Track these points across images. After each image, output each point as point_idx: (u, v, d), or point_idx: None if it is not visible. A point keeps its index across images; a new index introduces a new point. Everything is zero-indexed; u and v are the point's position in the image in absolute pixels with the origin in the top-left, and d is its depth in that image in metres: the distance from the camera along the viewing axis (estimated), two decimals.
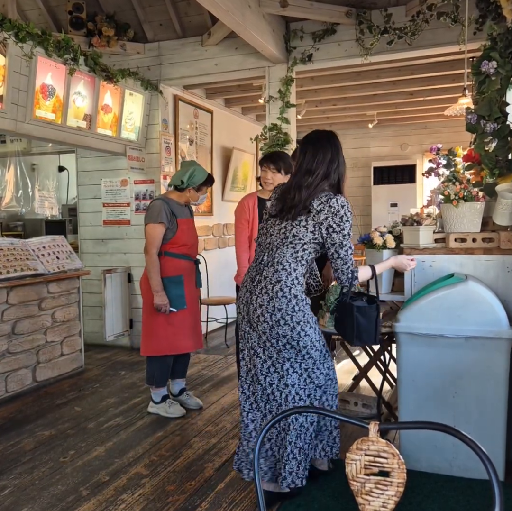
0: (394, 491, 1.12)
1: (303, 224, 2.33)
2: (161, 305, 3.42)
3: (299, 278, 2.35)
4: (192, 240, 3.61)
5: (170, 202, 3.51)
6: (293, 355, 2.37)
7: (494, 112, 2.94)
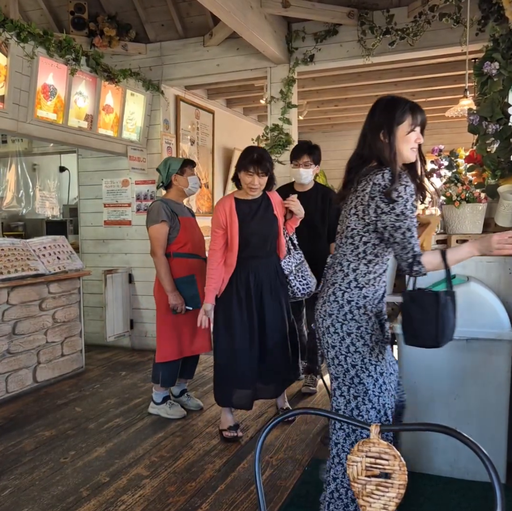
0: (395, 493, 1.12)
1: (353, 212, 1.96)
2: (176, 304, 3.39)
3: (360, 280, 1.96)
4: (196, 238, 3.57)
5: (168, 202, 3.50)
6: (341, 375, 2.00)
7: (496, 113, 2.94)
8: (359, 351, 1.95)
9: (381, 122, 1.97)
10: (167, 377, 3.55)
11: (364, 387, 1.96)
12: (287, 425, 3.42)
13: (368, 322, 1.95)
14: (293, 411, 1.37)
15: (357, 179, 1.97)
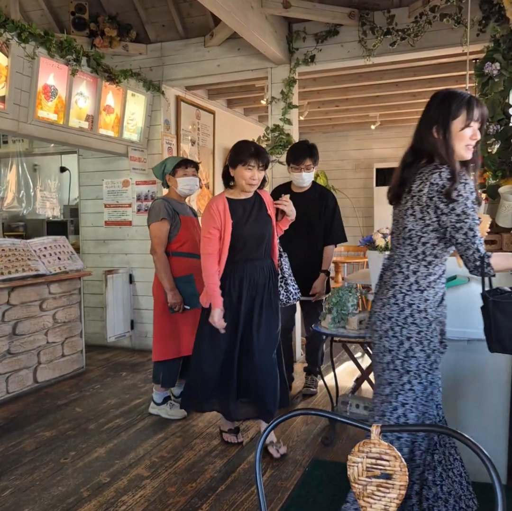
0: (396, 493, 1.11)
1: (410, 213, 1.91)
2: (175, 303, 3.38)
3: (422, 283, 1.90)
4: (197, 238, 3.50)
5: (170, 200, 3.50)
6: (395, 380, 1.93)
7: (497, 113, 2.94)
8: (416, 356, 1.89)
9: (435, 117, 1.89)
10: (167, 377, 3.54)
11: (414, 394, 1.90)
12: (288, 426, 3.42)
13: (428, 327, 1.90)
14: (294, 412, 1.36)
15: (410, 178, 1.92)
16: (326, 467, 2.84)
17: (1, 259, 3.94)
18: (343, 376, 4.32)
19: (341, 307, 3.15)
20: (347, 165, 8.60)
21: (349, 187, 8.53)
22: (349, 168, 8.60)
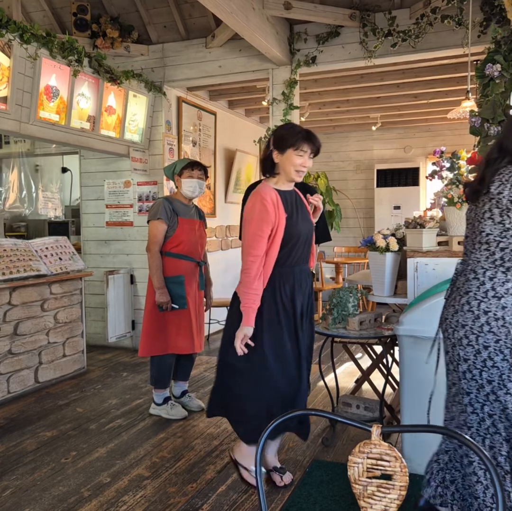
0: (397, 494, 1.12)
1: (487, 216, 1.82)
2: (162, 302, 3.41)
3: (498, 290, 1.81)
4: (193, 240, 3.55)
5: (173, 201, 3.51)
6: (474, 390, 1.86)
7: (498, 115, 2.95)
8: (497, 366, 1.80)
9: None
10: (158, 377, 3.57)
11: (501, 404, 1.82)
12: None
13: (507, 336, 1.79)
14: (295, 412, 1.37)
15: (489, 178, 1.83)
16: (326, 468, 2.84)
17: (2, 259, 3.95)
18: (343, 377, 4.32)
19: (341, 307, 3.15)
20: (348, 166, 8.60)
21: (350, 188, 8.53)
22: (350, 169, 8.60)
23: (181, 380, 3.78)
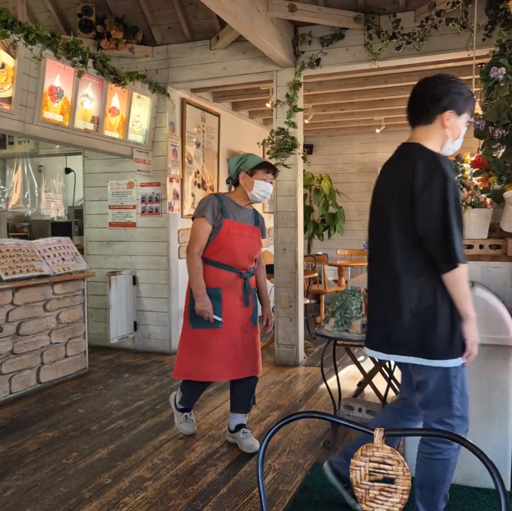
0: (399, 498, 1.11)
1: None
2: (202, 310, 2.89)
3: None
4: (238, 249, 2.98)
5: (224, 199, 3.01)
6: None
7: (502, 118, 2.93)
8: None
9: None
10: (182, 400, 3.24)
11: None
12: (290, 430, 3.41)
13: None
14: (297, 415, 1.36)
15: None
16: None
17: (5, 259, 3.95)
18: (346, 380, 4.31)
19: (344, 310, 3.14)
20: (352, 168, 8.60)
21: (353, 190, 8.52)
22: (353, 172, 8.59)
23: (235, 412, 3.17)
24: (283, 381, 4.46)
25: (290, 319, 4.97)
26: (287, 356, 4.99)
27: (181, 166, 5.53)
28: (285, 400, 4.01)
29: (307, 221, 8.13)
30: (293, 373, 4.71)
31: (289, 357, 4.98)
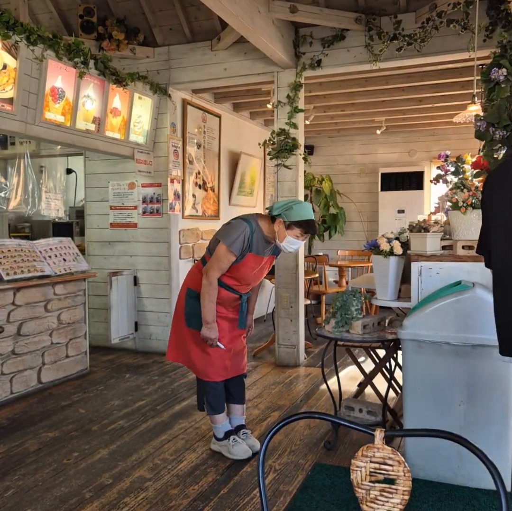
0: (399, 499, 1.11)
1: None
2: (208, 338, 2.92)
3: None
4: (245, 278, 2.99)
5: (256, 231, 2.91)
6: None
7: (503, 119, 2.93)
8: None
9: None
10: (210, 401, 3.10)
11: None
12: (291, 430, 3.41)
13: None
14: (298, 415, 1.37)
15: None
16: (328, 472, 2.83)
17: (7, 259, 3.96)
18: (346, 381, 4.31)
19: (345, 311, 3.15)
20: (353, 169, 8.60)
21: (354, 191, 8.52)
22: (354, 173, 8.59)
23: (233, 403, 3.20)
24: (284, 382, 4.46)
25: (290, 320, 4.97)
26: (288, 356, 4.99)
27: (182, 167, 5.53)
28: (286, 400, 4.01)
29: None
30: (293, 374, 4.71)
31: (289, 358, 4.98)
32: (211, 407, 3.08)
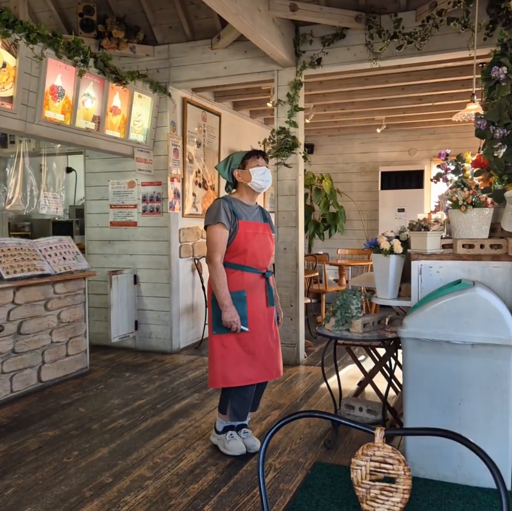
0: (400, 497, 1.11)
1: None
2: (230, 321, 2.83)
3: None
4: (257, 248, 2.96)
5: (233, 201, 2.97)
6: None
7: (503, 118, 2.93)
8: None
9: None
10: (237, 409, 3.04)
11: None
12: (291, 429, 3.41)
13: None
14: (298, 414, 1.37)
15: None
16: (328, 470, 2.83)
17: (6, 258, 3.96)
18: (346, 379, 4.31)
19: (345, 310, 3.15)
20: (353, 168, 8.60)
21: (354, 190, 8.52)
22: (354, 171, 8.59)
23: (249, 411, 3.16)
24: (284, 381, 4.47)
25: (291, 319, 4.98)
26: (288, 355, 4.99)
27: (182, 166, 5.53)
28: (286, 399, 4.01)
29: (308, 221, 8.13)
30: (293, 373, 4.71)
31: (289, 356, 4.98)
32: (235, 414, 3.02)
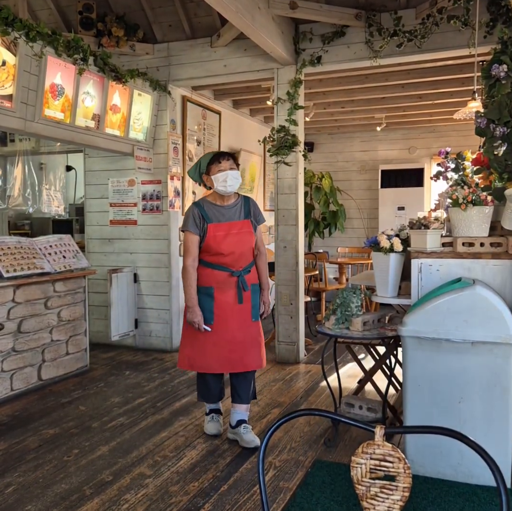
0: (400, 495, 1.11)
1: None
2: (191, 322, 3.03)
3: None
4: (231, 248, 3.05)
5: (205, 204, 3.09)
6: None
7: (504, 116, 2.93)
8: None
9: None
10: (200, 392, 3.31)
11: None
12: (291, 427, 3.42)
13: None
14: (298, 412, 1.37)
15: None
16: (328, 469, 2.84)
17: (6, 257, 3.96)
18: (346, 378, 4.31)
19: (345, 308, 3.15)
20: (353, 166, 8.59)
21: (354, 188, 8.52)
22: (354, 170, 8.58)
23: (235, 403, 3.21)
24: (284, 379, 4.47)
25: (290, 317, 4.98)
26: (288, 353, 4.99)
27: (182, 164, 5.53)
28: (286, 397, 4.01)
29: (308, 219, 8.13)
30: (293, 371, 4.71)
31: (289, 355, 4.98)
32: (201, 396, 3.33)
